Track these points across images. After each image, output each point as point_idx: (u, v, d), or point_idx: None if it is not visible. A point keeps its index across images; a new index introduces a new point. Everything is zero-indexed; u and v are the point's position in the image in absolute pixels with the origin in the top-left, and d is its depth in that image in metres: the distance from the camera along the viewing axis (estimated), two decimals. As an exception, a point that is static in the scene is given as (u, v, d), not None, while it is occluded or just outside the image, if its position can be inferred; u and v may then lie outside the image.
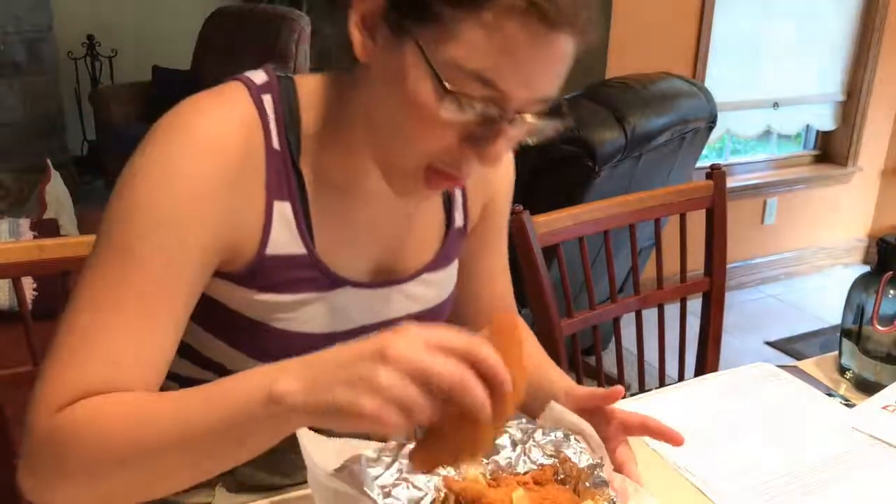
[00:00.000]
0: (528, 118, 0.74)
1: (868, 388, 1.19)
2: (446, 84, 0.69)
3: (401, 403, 0.58)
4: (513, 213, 1.34)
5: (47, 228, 2.39)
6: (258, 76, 0.83)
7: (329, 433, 0.82)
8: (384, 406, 0.58)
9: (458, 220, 0.99)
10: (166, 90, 4.34)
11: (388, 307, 0.93)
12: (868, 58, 3.68)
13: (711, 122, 2.51)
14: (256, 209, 0.81)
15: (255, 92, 0.81)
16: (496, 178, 1.03)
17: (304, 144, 0.84)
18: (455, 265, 1.00)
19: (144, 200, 0.75)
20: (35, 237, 2.29)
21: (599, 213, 1.45)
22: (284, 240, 0.83)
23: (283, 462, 0.97)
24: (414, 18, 0.71)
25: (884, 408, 1.13)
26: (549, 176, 2.08)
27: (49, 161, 2.99)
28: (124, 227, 0.76)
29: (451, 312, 1.04)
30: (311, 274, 0.85)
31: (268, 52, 4.06)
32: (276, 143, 0.81)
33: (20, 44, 4.19)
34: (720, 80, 3.34)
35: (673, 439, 0.89)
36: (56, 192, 2.71)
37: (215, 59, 4.30)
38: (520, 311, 1.65)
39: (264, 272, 0.83)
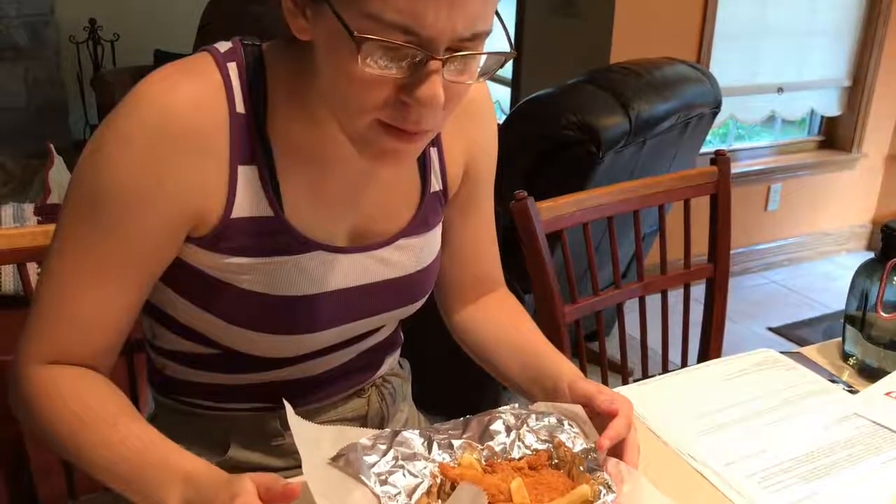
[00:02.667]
0: (461, 55, 0.73)
1: (871, 374, 1.19)
2: (358, 35, 0.70)
3: None
4: (516, 198, 1.33)
5: (51, 213, 2.38)
6: (223, 45, 0.85)
7: (321, 421, 0.83)
8: None
9: (435, 185, 0.98)
10: (169, 74, 4.32)
11: (364, 272, 0.93)
12: (874, 43, 3.66)
13: (716, 108, 2.50)
14: (220, 174, 0.82)
15: (220, 59, 0.83)
16: (476, 139, 1.02)
17: (272, 110, 0.85)
18: (436, 234, 1.00)
19: (104, 173, 0.79)
20: (39, 222, 2.29)
21: (603, 199, 1.45)
22: (250, 203, 0.84)
23: (278, 444, 0.98)
24: None
25: (887, 394, 1.13)
26: (552, 162, 2.07)
27: (52, 146, 2.99)
28: (86, 198, 0.81)
29: (437, 283, 1.04)
30: (281, 237, 0.86)
31: (268, 36, 4.04)
32: (239, 108, 0.82)
33: (22, 28, 4.18)
34: (725, 65, 3.33)
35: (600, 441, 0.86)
36: (59, 176, 2.71)
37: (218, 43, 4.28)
38: (523, 298, 1.66)
39: (230, 235, 0.84)
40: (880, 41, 3.67)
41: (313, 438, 0.79)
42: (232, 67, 0.83)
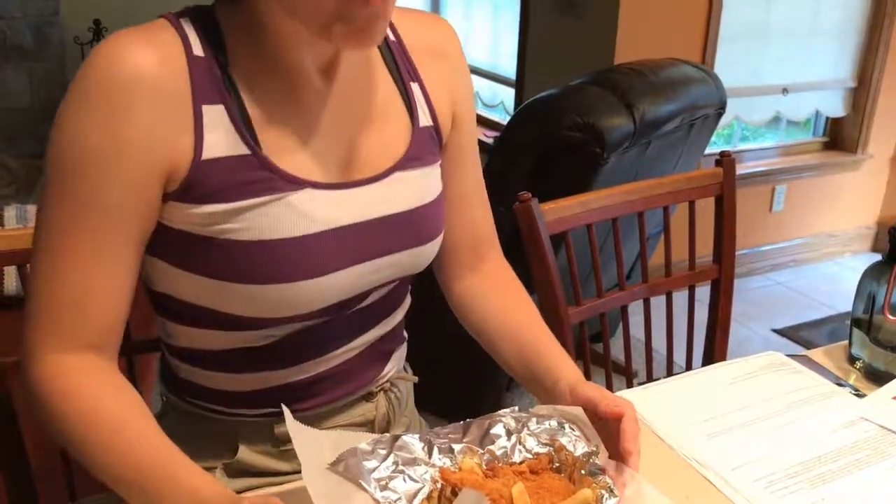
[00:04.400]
0: None
1: (878, 377, 1.18)
2: None
3: None
4: (520, 200, 1.33)
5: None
6: (175, 9, 0.86)
7: (319, 426, 0.82)
8: None
9: (424, 120, 0.97)
10: (172, 75, 4.33)
11: (362, 208, 0.91)
12: (879, 44, 3.65)
13: (720, 109, 2.49)
14: (184, 117, 0.81)
15: (171, 16, 0.84)
16: (456, 84, 1.03)
17: (232, 52, 0.84)
18: (435, 172, 0.99)
19: (66, 142, 0.79)
20: (42, 223, 2.28)
21: (607, 200, 1.44)
22: (221, 141, 0.83)
23: (286, 449, 0.98)
24: None
25: (894, 398, 1.12)
26: (556, 163, 2.06)
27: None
28: (57, 172, 0.80)
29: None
30: (262, 175, 0.84)
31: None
32: (197, 51, 0.82)
33: (27, 29, 4.18)
34: (729, 66, 3.32)
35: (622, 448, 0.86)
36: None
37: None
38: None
39: (204, 179, 0.82)
40: (886, 42, 3.66)
41: (313, 443, 0.79)
42: (185, 21, 0.84)
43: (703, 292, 1.60)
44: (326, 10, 0.78)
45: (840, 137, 3.89)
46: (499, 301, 1.08)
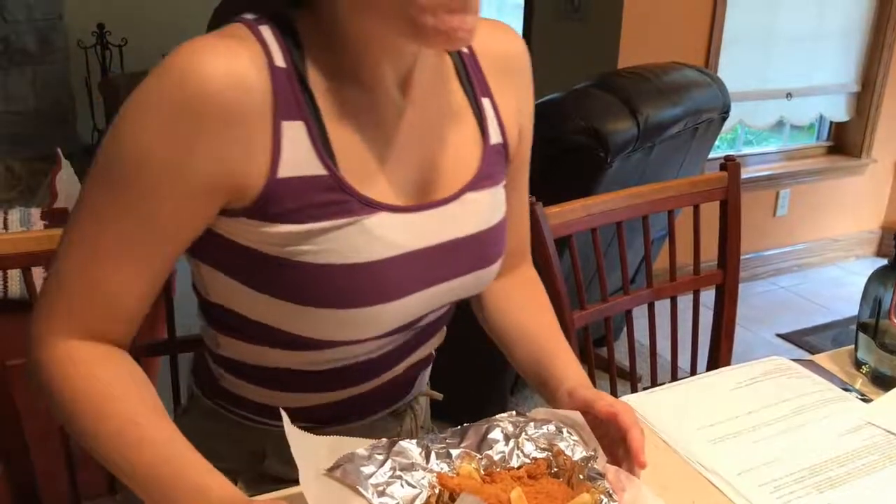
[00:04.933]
0: None
1: (885, 382, 1.18)
2: None
3: None
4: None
5: (58, 218, 2.39)
6: (251, 15, 0.82)
7: (317, 432, 0.81)
8: None
9: (494, 137, 0.94)
10: (176, 79, 4.34)
11: (433, 232, 0.88)
12: (883, 48, 3.65)
13: (724, 113, 2.49)
14: (263, 132, 0.77)
15: (251, 23, 0.80)
16: (523, 100, 1.00)
17: (311, 63, 0.81)
18: (501, 191, 0.96)
19: (134, 146, 0.75)
20: (46, 226, 2.29)
21: (612, 204, 1.44)
22: (299, 160, 0.79)
23: None
24: None
25: (900, 403, 1.12)
26: (560, 167, 2.06)
27: (59, 150, 2.99)
28: (109, 169, 0.77)
29: None
30: (337, 196, 0.80)
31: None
32: (278, 62, 0.78)
33: (31, 33, 4.20)
34: (733, 70, 3.32)
35: (637, 461, 0.85)
36: (67, 181, 2.71)
37: (225, 48, 4.30)
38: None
39: (279, 198, 0.79)
40: (889, 46, 3.65)
41: (310, 449, 0.78)
42: (264, 28, 0.79)
43: (708, 296, 1.59)
44: (418, 3, 0.75)
45: (844, 142, 3.88)
46: (520, 302, 1.07)
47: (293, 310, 0.83)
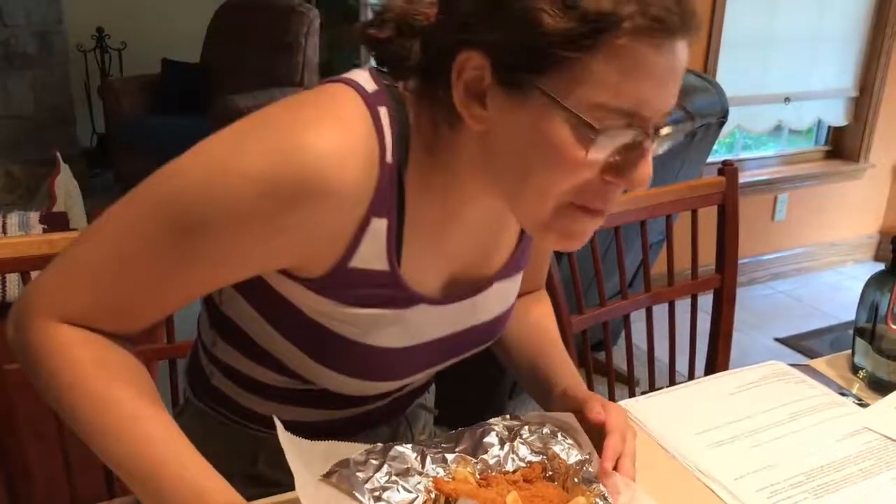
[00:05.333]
0: (664, 130, 0.73)
1: (882, 387, 1.18)
2: (595, 125, 0.67)
3: None
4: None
5: (57, 221, 2.39)
6: (367, 82, 0.77)
7: (311, 437, 0.82)
8: None
9: None
10: (175, 83, 4.35)
11: (457, 321, 0.91)
12: (881, 53, 3.66)
13: (723, 118, 2.49)
14: (352, 224, 0.76)
15: (371, 101, 0.75)
16: None
17: (413, 163, 0.78)
18: (521, 273, 0.97)
19: (224, 202, 0.70)
20: (45, 230, 2.29)
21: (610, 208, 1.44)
22: (371, 255, 0.78)
23: None
24: (533, 71, 0.67)
25: (897, 407, 1.12)
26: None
27: (59, 154, 3.00)
28: (191, 208, 0.71)
29: None
30: (390, 291, 0.82)
31: (276, 45, 4.05)
32: (388, 157, 0.75)
33: (30, 37, 4.20)
34: (731, 74, 3.32)
35: (601, 465, 0.84)
36: (66, 184, 2.71)
37: (224, 52, 4.30)
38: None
39: (342, 284, 0.79)
40: (887, 51, 3.66)
41: (305, 455, 0.78)
42: (383, 113, 0.75)
43: (706, 301, 1.60)
44: (544, 212, 0.73)
45: (842, 146, 3.89)
46: (519, 308, 1.07)
47: (306, 360, 0.85)
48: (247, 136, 0.72)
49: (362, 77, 0.77)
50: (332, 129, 0.72)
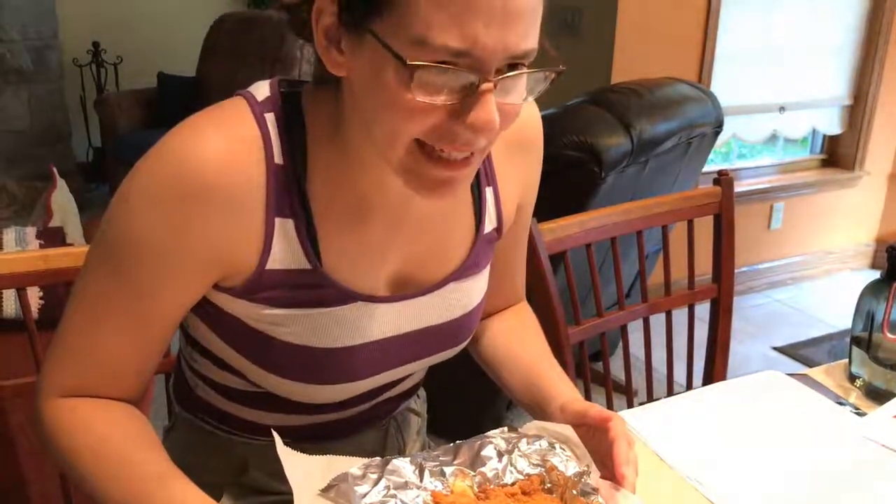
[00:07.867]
0: (512, 74, 0.70)
1: (879, 396, 1.18)
2: (408, 62, 0.66)
3: None
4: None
5: (53, 237, 2.38)
6: (261, 91, 0.81)
7: (310, 451, 0.82)
8: None
9: (489, 225, 0.94)
10: (171, 97, 4.35)
11: (407, 320, 0.90)
12: (875, 61, 3.67)
13: (718, 127, 2.50)
14: (255, 227, 0.79)
15: (258, 109, 0.79)
16: (530, 174, 0.98)
17: (312, 158, 0.81)
18: (485, 273, 0.96)
19: (126, 224, 0.77)
20: (41, 246, 2.28)
21: (606, 219, 1.44)
22: (285, 255, 0.81)
23: None
24: (366, 13, 0.69)
25: (895, 416, 1.12)
26: (554, 182, 2.06)
27: (54, 168, 2.99)
28: (109, 246, 0.79)
29: None
30: (318, 290, 0.83)
31: (272, 59, 4.06)
32: (278, 159, 0.79)
33: (26, 51, 4.21)
34: (726, 84, 3.34)
35: (616, 473, 0.83)
36: (62, 199, 2.71)
37: (220, 66, 4.31)
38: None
39: (266, 287, 0.82)
40: (881, 59, 3.68)
41: (303, 469, 0.78)
42: (270, 118, 0.79)
43: (703, 310, 1.60)
44: (398, 157, 0.74)
45: (837, 155, 3.90)
46: (507, 330, 1.08)
47: (266, 374, 0.87)
48: (142, 161, 0.78)
49: (261, 88, 0.81)
50: (211, 136, 0.76)
